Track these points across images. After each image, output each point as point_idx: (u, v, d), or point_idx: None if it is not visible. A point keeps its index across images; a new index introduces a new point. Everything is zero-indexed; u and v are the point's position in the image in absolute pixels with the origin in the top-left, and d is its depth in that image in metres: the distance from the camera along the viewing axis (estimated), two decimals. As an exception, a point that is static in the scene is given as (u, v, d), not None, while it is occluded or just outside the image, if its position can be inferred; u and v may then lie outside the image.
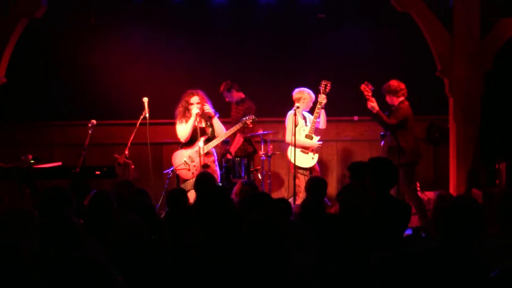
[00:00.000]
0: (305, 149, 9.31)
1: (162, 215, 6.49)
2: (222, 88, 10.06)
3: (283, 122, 10.48)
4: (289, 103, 9.68)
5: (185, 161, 8.93)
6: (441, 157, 10.36)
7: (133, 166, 8.95)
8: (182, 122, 8.98)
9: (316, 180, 6.87)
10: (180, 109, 9.02)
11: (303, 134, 9.32)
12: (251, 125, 9.26)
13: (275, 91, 10.87)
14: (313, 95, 9.42)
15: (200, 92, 9.05)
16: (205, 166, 8.73)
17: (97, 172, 8.57)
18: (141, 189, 6.61)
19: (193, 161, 8.92)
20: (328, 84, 9.31)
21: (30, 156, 8.72)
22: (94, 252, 4.14)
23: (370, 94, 8.77)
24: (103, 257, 3.98)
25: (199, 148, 8.81)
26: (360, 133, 10.93)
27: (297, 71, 10.90)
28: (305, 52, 10.92)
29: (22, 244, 4.16)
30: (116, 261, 4.00)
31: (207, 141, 8.97)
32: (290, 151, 9.22)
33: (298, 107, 9.33)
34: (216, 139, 9.01)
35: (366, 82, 8.86)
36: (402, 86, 8.98)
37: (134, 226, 4.18)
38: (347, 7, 10.81)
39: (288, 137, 9.22)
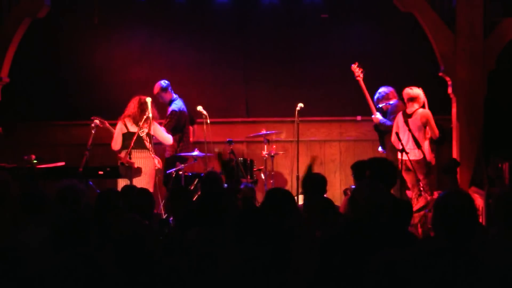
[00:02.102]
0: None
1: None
2: (158, 89, 9.76)
3: (286, 122, 10.51)
4: (291, 103, 9.70)
5: None
6: (444, 157, 10.32)
7: (136, 166, 8.94)
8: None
9: (315, 178, 6.84)
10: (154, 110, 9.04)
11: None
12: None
13: (278, 91, 10.88)
14: None
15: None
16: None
17: (100, 172, 8.55)
18: (144, 188, 6.61)
19: None
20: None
21: (33, 156, 8.71)
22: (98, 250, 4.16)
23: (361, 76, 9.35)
24: (105, 256, 3.99)
25: None
26: (363, 133, 10.91)
27: (300, 71, 10.91)
28: (308, 52, 10.91)
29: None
30: (119, 261, 4.00)
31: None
32: (426, 147, 9.16)
33: (301, 107, 9.43)
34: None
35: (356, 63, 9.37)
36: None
37: (136, 226, 4.17)
38: (350, 7, 10.80)
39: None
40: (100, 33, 10.81)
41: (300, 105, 9.62)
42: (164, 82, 9.76)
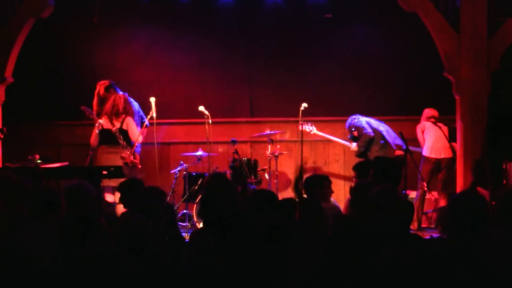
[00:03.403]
0: None
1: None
2: (100, 88, 9.48)
3: (290, 122, 10.52)
4: (295, 103, 9.69)
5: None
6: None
7: (140, 166, 8.96)
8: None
9: (313, 178, 6.86)
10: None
11: None
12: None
13: (282, 91, 10.89)
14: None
15: None
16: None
17: (104, 172, 8.55)
18: (150, 188, 6.58)
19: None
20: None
21: (37, 156, 8.72)
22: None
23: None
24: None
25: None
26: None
27: (304, 71, 10.92)
28: (312, 52, 10.92)
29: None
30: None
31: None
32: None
33: (305, 107, 9.49)
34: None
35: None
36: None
37: (137, 226, 4.18)
38: (354, 7, 10.80)
39: None
40: (104, 33, 10.83)
41: (304, 105, 9.62)
42: (108, 81, 9.54)
